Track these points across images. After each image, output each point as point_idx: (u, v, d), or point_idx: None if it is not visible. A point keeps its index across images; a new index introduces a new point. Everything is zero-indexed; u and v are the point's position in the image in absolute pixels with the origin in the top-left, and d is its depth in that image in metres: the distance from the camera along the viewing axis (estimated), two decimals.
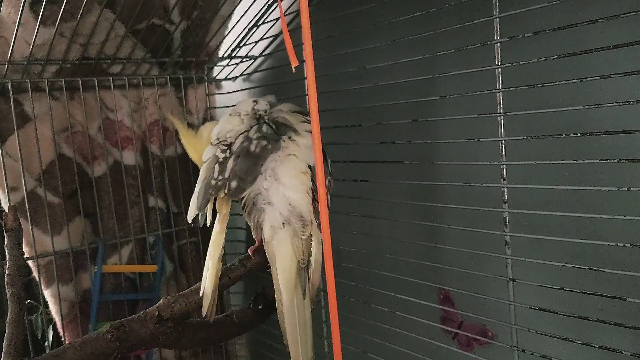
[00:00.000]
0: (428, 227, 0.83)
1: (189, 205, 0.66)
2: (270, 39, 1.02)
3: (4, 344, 0.60)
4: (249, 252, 0.66)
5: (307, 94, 0.91)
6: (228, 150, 0.62)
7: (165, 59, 1.03)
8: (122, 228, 1.04)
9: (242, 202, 0.64)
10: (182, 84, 1.10)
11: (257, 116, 0.65)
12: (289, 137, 0.62)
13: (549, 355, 0.61)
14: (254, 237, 0.66)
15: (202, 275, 0.65)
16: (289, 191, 0.59)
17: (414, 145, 0.82)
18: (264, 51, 1.07)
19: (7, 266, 0.67)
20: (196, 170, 0.68)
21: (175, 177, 1.09)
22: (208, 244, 1.21)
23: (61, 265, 0.97)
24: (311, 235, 0.60)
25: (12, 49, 0.82)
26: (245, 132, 0.63)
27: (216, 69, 1.16)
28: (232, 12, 0.98)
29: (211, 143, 0.65)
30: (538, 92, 0.62)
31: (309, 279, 0.60)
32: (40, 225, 0.95)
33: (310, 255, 0.60)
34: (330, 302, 0.42)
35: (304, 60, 0.42)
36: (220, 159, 0.62)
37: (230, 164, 0.61)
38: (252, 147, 0.61)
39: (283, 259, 0.59)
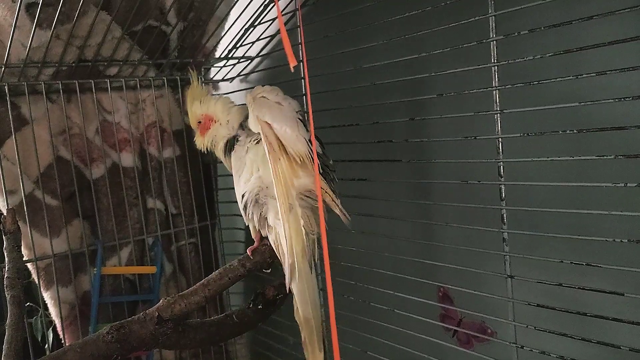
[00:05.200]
0: (426, 225, 0.83)
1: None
2: (267, 39, 1.03)
3: (4, 346, 0.60)
4: (248, 252, 0.66)
5: (304, 94, 0.91)
6: None
7: (162, 60, 1.03)
8: (120, 230, 1.04)
9: (243, 202, 0.65)
10: (180, 86, 1.10)
11: None
12: None
13: (548, 352, 0.62)
14: (253, 237, 0.66)
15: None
16: (302, 176, 0.61)
17: (412, 144, 0.83)
18: (260, 52, 1.07)
19: (7, 269, 0.67)
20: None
21: (174, 179, 1.09)
22: (206, 245, 1.21)
23: (60, 268, 0.97)
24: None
25: (8, 52, 0.82)
26: None
27: (213, 70, 1.16)
28: (228, 13, 0.98)
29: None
30: (534, 89, 0.62)
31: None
32: (38, 228, 0.95)
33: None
34: (329, 300, 0.42)
35: (302, 61, 0.42)
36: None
37: None
38: None
39: (290, 234, 0.60)
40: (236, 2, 0.94)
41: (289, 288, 0.61)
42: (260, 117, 0.64)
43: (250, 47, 1.07)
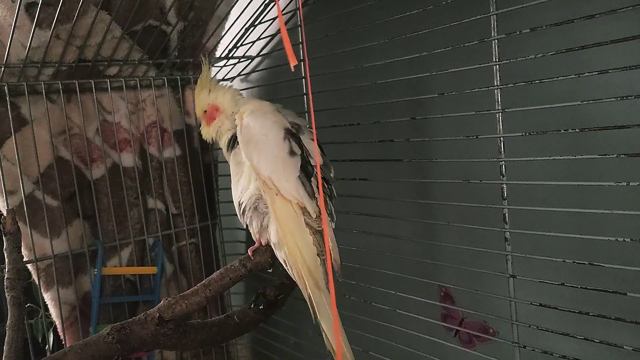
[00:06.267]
0: (428, 224, 0.83)
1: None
2: (267, 39, 1.02)
3: (5, 348, 0.59)
4: (249, 252, 0.66)
5: (304, 94, 0.91)
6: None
7: (162, 60, 1.03)
8: (121, 230, 1.03)
9: (242, 208, 0.64)
10: (180, 85, 1.10)
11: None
12: None
13: (550, 351, 0.61)
14: (254, 239, 0.66)
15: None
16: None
17: (413, 143, 0.83)
18: (261, 51, 1.07)
19: (7, 270, 0.67)
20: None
21: (174, 179, 1.09)
22: (207, 245, 1.20)
23: (61, 268, 0.97)
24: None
25: (8, 52, 0.82)
26: None
27: (213, 70, 1.16)
28: (228, 13, 0.98)
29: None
30: (536, 88, 0.62)
31: (329, 259, 0.60)
32: (39, 229, 0.94)
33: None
34: (332, 298, 0.42)
35: (303, 60, 0.42)
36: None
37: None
38: None
39: (306, 270, 0.59)
40: (236, 1, 0.94)
41: (315, 321, 0.60)
42: (247, 156, 0.62)
43: (251, 46, 1.07)
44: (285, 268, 0.62)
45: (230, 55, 1.09)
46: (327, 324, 0.59)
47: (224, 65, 1.14)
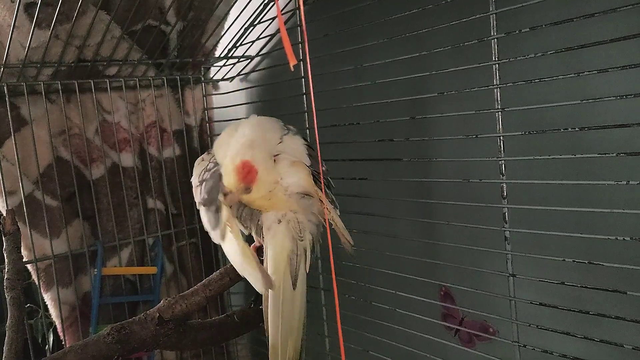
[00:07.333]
0: (427, 224, 0.83)
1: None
2: (267, 38, 1.02)
3: (4, 348, 0.59)
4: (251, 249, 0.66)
5: (304, 93, 0.91)
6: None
7: (162, 60, 1.03)
8: (121, 230, 1.03)
9: (240, 212, 0.64)
10: (179, 85, 1.10)
11: None
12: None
13: (550, 350, 0.61)
14: (255, 239, 0.66)
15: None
16: (289, 179, 0.60)
17: (413, 143, 0.82)
18: (260, 51, 1.07)
19: (6, 270, 0.67)
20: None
21: (174, 179, 1.09)
22: (207, 245, 1.20)
23: (60, 269, 0.97)
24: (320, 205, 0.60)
25: (7, 52, 0.82)
26: None
27: (213, 70, 1.16)
28: (228, 12, 0.98)
29: None
30: (535, 87, 0.62)
31: (306, 267, 0.60)
32: (38, 229, 0.94)
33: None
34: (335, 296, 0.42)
35: (302, 60, 0.42)
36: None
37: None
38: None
39: (274, 247, 0.59)
40: (236, 1, 0.94)
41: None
42: None
43: (250, 46, 1.07)
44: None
45: (229, 55, 1.09)
46: (272, 309, 0.57)
47: (224, 65, 1.14)
